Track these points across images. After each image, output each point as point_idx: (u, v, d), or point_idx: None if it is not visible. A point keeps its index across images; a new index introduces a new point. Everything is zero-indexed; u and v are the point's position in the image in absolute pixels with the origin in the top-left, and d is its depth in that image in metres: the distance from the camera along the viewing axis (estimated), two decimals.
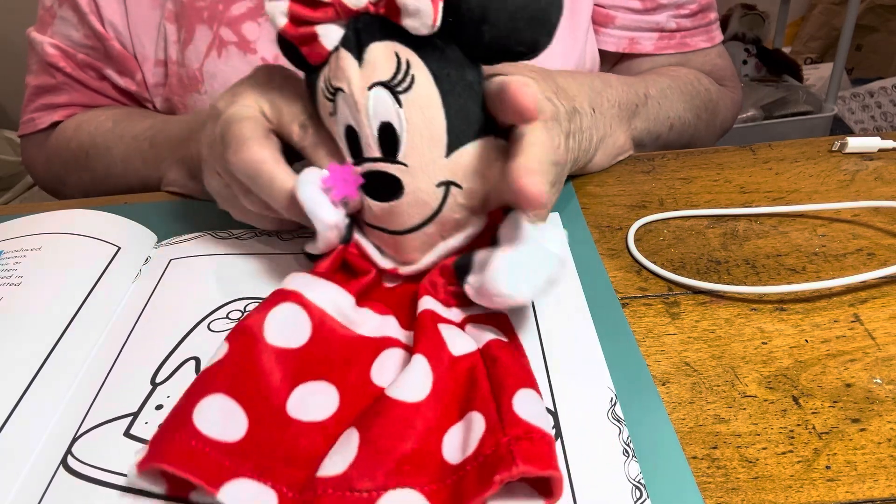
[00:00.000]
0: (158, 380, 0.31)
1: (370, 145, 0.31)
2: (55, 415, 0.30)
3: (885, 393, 0.30)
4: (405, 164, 0.31)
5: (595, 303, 0.35)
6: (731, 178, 0.47)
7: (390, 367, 0.30)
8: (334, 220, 0.32)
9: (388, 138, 0.31)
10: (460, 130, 0.31)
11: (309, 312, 0.30)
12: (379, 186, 0.32)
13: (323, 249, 0.34)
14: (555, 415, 0.29)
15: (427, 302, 0.32)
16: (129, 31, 0.56)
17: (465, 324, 0.32)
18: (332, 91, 0.31)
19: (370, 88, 0.30)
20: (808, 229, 0.41)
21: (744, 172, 0.47)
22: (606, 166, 0.48)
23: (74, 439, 0.28)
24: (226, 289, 0.37)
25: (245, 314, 0.30)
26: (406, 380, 0.27)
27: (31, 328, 0.33)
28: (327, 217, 0.32)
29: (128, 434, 0.28)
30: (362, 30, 0.30)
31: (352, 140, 0.32)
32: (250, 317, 0.29)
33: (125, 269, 0.39)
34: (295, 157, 0.35)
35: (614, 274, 0.38)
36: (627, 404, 0.29)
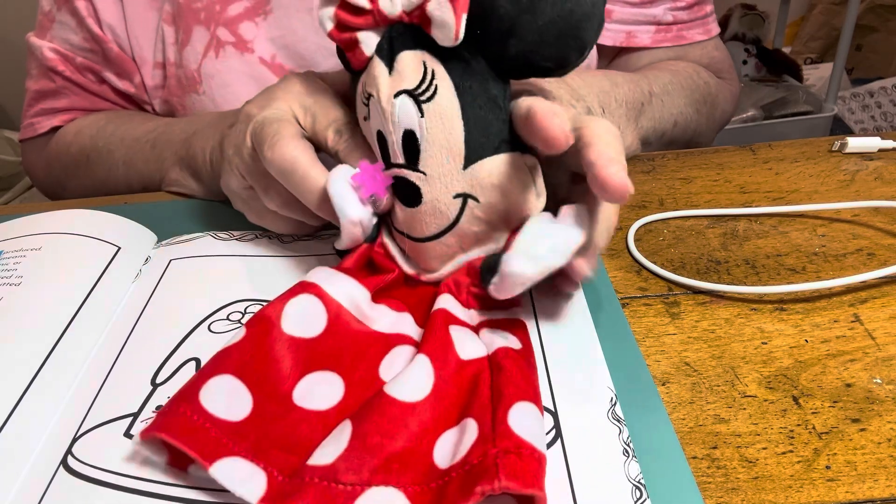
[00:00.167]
0: (159, 380, 0.31)
1: (395, 151, 0.31)
2: (55, 415, 0.30)
3: (885, 393, 0.30)
4: (424, 173, 0.31)
5: (595, 303, 0.35)
6: (731, 178, 0.47)
7: (400, 364, 0.30)
8: (358, 217, 0.32)
9: (410, 146, 0.31)
10: (479, 143, 0.31)
11: (326, 305, 0.31)
12: (404, 192, 0.32)
13: (347, 245, 0.34)
14: (555, 415, 0.29)
15: (443, 301, 0.32)
16: (127, 34, 0.56)
17: (480, 328, 0.32)
18: (366, 96, 0.32)
19: (396, 96, 0.30)
20: (808, 229, 0.41)
21: (744, 172, 0.47)
22: None
23: (74, 439, 0.28)
24: (226, 290, 0.37)
25: (262, 306, 0.31)
26: (406, 379, 0.27)
27: (31, 328, 0.33)
28: (353, 213, 0.32)
29: (128, 434, 0.28)
30: (396, 38, 0.30)
31: (382, 145, 0.32)
32: (270, 305, 0.30)
33: (125, 269, 0.39)
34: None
35: (614, 274, 0.38)
36: (627, 404, 0.29)
